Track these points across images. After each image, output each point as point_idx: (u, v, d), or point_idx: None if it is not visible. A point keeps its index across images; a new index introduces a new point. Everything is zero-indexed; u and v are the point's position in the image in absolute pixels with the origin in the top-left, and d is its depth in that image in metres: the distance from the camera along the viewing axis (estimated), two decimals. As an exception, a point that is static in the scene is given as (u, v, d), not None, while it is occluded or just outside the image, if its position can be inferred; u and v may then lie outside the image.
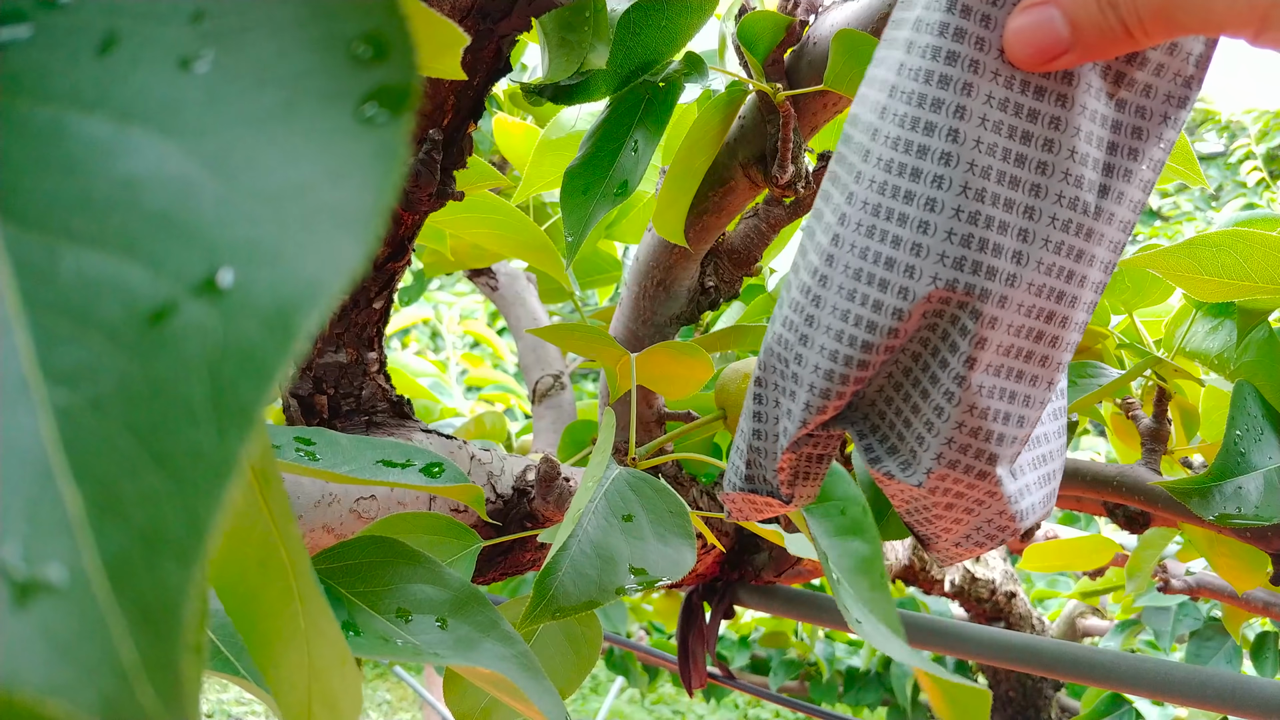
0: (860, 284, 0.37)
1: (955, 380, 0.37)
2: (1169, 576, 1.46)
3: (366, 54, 0.15)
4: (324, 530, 0.59)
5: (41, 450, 0.13)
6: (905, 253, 0.36)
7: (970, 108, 0.35)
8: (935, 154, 0.35)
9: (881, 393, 0.39)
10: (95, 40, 0.16)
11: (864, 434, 0.40)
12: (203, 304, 0.13)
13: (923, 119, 0.35)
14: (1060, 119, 0.36)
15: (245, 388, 0.13)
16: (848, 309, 0.37)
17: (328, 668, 0.30)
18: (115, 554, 0.12)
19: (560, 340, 0.66)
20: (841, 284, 0.37)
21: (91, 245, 0.14)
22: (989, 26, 0.35)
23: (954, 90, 0.35)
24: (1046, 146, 0.36)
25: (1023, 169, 0.35)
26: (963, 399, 0.37)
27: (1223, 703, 0.78)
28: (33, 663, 0.12)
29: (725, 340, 0.79)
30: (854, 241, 0.37)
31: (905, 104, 0.36)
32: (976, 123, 0.35)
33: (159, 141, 0.15)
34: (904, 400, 0.39)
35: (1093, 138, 0.36)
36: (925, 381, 0.38)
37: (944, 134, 0.35)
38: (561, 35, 0.59)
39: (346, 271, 0.13)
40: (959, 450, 0.38)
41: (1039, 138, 0.35)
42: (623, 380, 0.57)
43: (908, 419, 0.39)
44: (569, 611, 0.44)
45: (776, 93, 0.67)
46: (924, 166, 0.35)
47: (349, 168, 0.14)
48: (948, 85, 0.35)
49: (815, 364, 0.38)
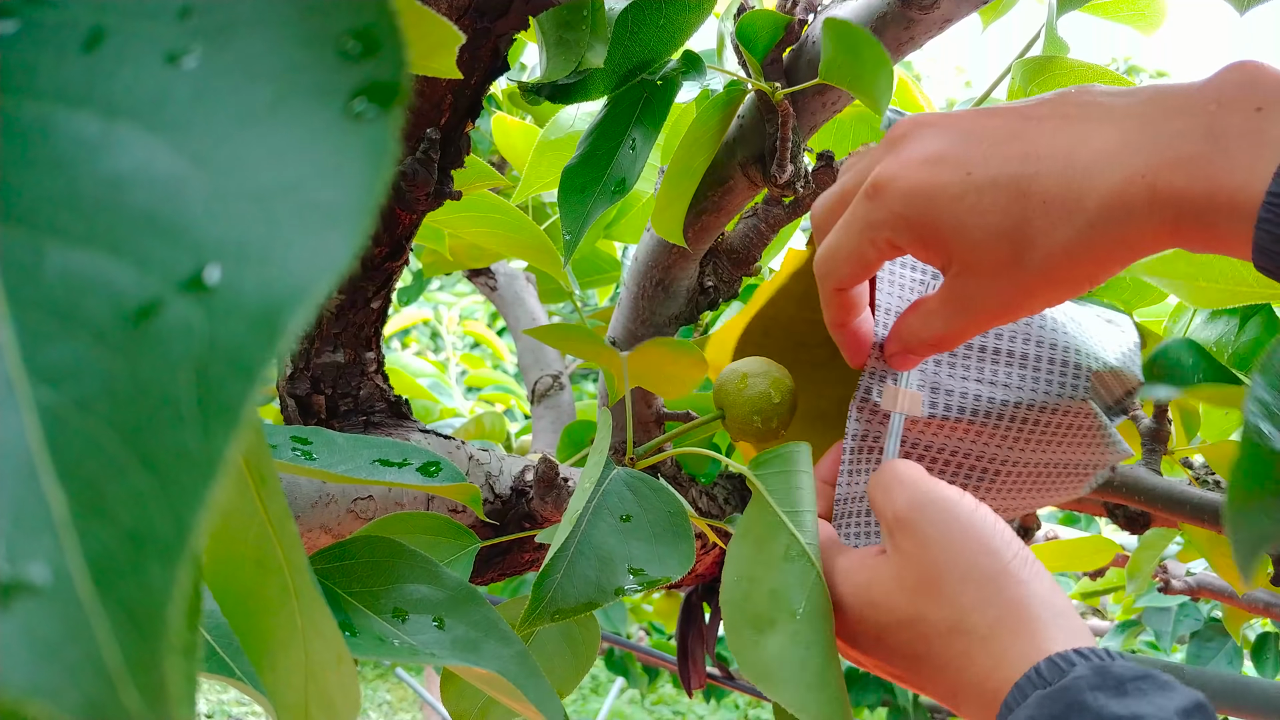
0: None
1: None
2: (1169, 577, 1.46)
3: (356, 50, 0.15)
4: (321, 530, 0.59)
5: (26, 449, 0.12)
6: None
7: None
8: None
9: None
10: (82, 36, 0.16)
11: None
12: (189, 302, 0.13)
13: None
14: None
15: (231, 387, 0.13)
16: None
17: (324, 667, 0.30)
18: (99, 554, 0.12)
19: (555, 341, 0.66)
20: None
21: (78, 243, 0.14)
22: None
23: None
24: None
25: None
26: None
27: (1223, 703, 0.78)
28: (16, 664, 0.11)
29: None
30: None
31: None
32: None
33: (146, 138, 0.15)
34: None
35: None
36: None
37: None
38: (559, 34, 0.59)
39: (335, 270, 0.13)
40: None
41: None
42: (619, 384, 0.57)
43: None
44: (568, 613, 0.43)
45: (775, 92, 0.67)
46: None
47: (338, 164, 0.14)
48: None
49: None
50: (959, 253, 0.44)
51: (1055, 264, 0.42)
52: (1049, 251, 0.42)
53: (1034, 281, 0.42)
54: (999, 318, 0.45)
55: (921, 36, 0.65)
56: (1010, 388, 0.50)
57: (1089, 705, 0.36)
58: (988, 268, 0.43)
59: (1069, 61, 0.66)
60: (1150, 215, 0.39)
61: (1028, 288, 0.43)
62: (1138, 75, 6.94)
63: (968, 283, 0.44)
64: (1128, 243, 0.40)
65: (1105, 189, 0.40)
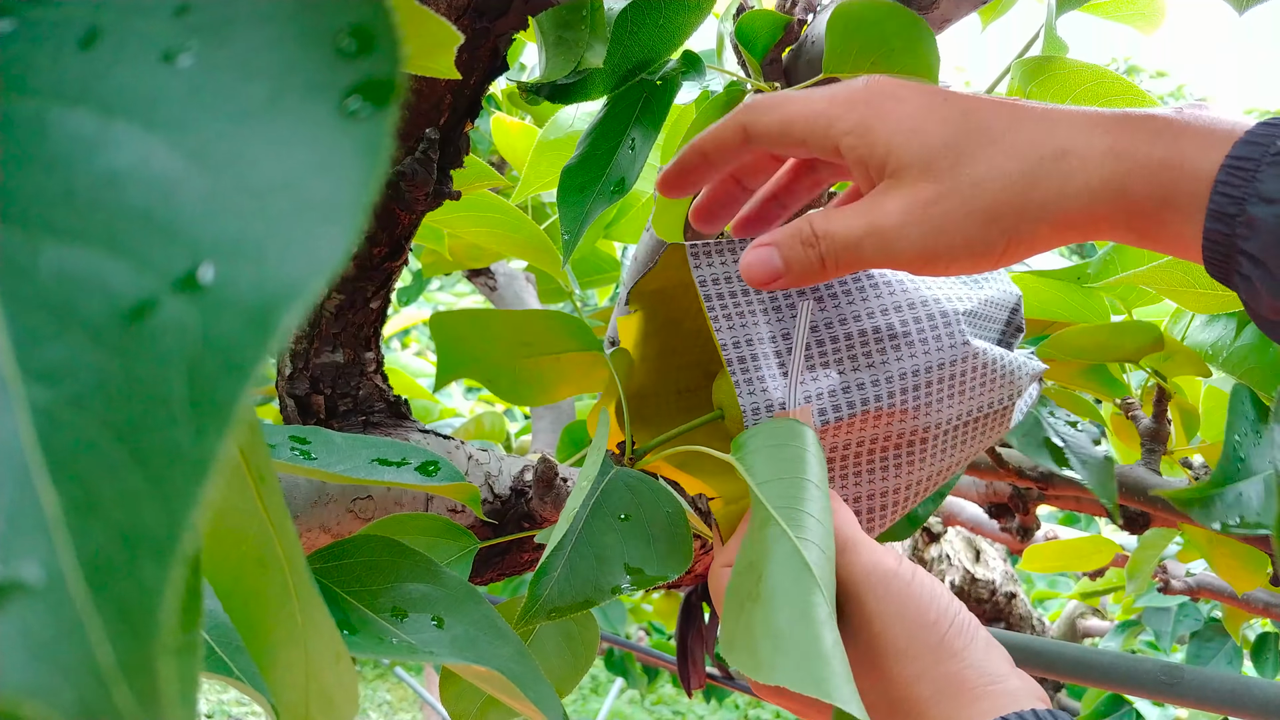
0: None
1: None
2: (1169, 577, 1.45)
3: (351, 47, 0.15)
4: (320, 530, 0.59)
5: (19, 448, 0.12)
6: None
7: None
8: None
9: None
10: (78, 33, 0.16)
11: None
12: (183, 300, 0.13)
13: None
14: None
15: (224, 385, 0.13)
16: None
17: (324, 664, 0.30)
18: (92, 554, 0.12)
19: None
20: None
21: (73, 240, 0.14)
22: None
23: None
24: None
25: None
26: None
27: (1223, 703, 0.78)
28: (9, 664, 0.11)
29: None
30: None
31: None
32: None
33: (142, 136, 0.15)
34: None
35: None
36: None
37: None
38: (559, 34, 0.59)
39: (329, 267, 0.13)
40: None
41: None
42: (615, 385, 0.57)
43: None
44: (564, 612, 0.43)
45: (775, 92, 0.66)
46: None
47: (333, 162, 0.14)
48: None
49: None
50: (896, 154, 0.42)
51: (988, 186, 0.41)
52: (988, 170, 0.41)
53: (958, 196, 0.41)
54: (911, 234, 0.42)
55: (921, 36, 0.65)
56: (899, 362, 0.48)
57: None
58: (916, 173, 0.42)
59: (1068, 61, 0.66)
60: (1105, 187, 0.40)
61: (947, 204, 0.41)
62: (1137, 75, 6.94)
63: (890, 193, 0.43)
64: (1067, 195, 0.41)
65: (1067, 138, 0.41)
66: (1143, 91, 0.66)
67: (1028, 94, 0.68)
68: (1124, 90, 0.65)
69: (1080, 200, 0.41)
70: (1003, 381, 0.51)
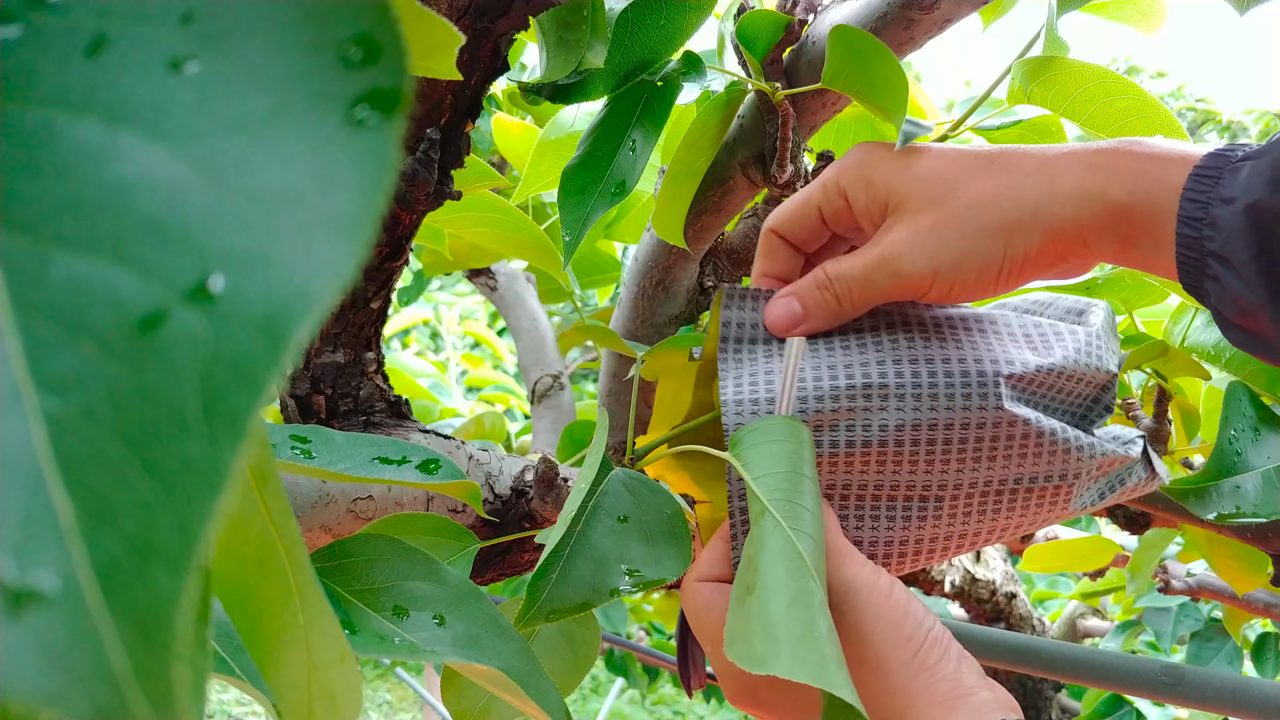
0: None
1: None
2: (1170, 577, 1.46)
3: (357, 56, 0.15)
4: (322, 530, 0.59)
5: (33, 458, 0.12)
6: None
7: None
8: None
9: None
10: (85, 41, 0.16)
11: None
12: (194, 311, 0.13)
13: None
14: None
15: (237, 396, 0.13)
16: None
17: (327, 664, 0.30)
18: (107, 562, 0.12)
19: (595, 337, 0.66)
20: None
21: (82, 251, 0.14)
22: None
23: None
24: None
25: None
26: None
27: (1224, 703, 0.78)
28: (25, 671, 0.11)
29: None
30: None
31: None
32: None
33: (149, 145, 0.15)
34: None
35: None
36: None
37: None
38: (559, 34, 0.59)
39: (339, 278, 0.13)
40: None
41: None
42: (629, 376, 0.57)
43: None
44: (563, 613, 0.43)
45: (775, 92, 0.67)
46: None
47: (340, 172, 0.14)
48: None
49: None
50: (896, 193, 0.46)
51: (982, 203, 0.44)
52: (980, 191, 0.45)
53: (955, 218, 0.44)
54: (915, 262, 0.45)
55: (922, 36, 0.65)
56: (900, 411, 0.47)
57: None
58: (914, 205, 0.45)
59: (1069, 62, 0.66)
60: (1088, 194, 0.43)
61: (946, 225, 0.45)
62: (1137, 75, 6.93)
63: (888, 228, 0.46)
64: (1056, 199, 0.44)
65: (1048, 158, 0.45)
66: (1145, 92, 0.66)
67: (1029, 94, 0.68)
68: (1125, 90, 0.65)
69: (1068, 207, 0.43)
70: (1055, 457, 0.48)
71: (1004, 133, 0.75)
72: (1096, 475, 0.52)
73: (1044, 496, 0.50)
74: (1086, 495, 0.52)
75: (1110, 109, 0.66)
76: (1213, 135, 6.55)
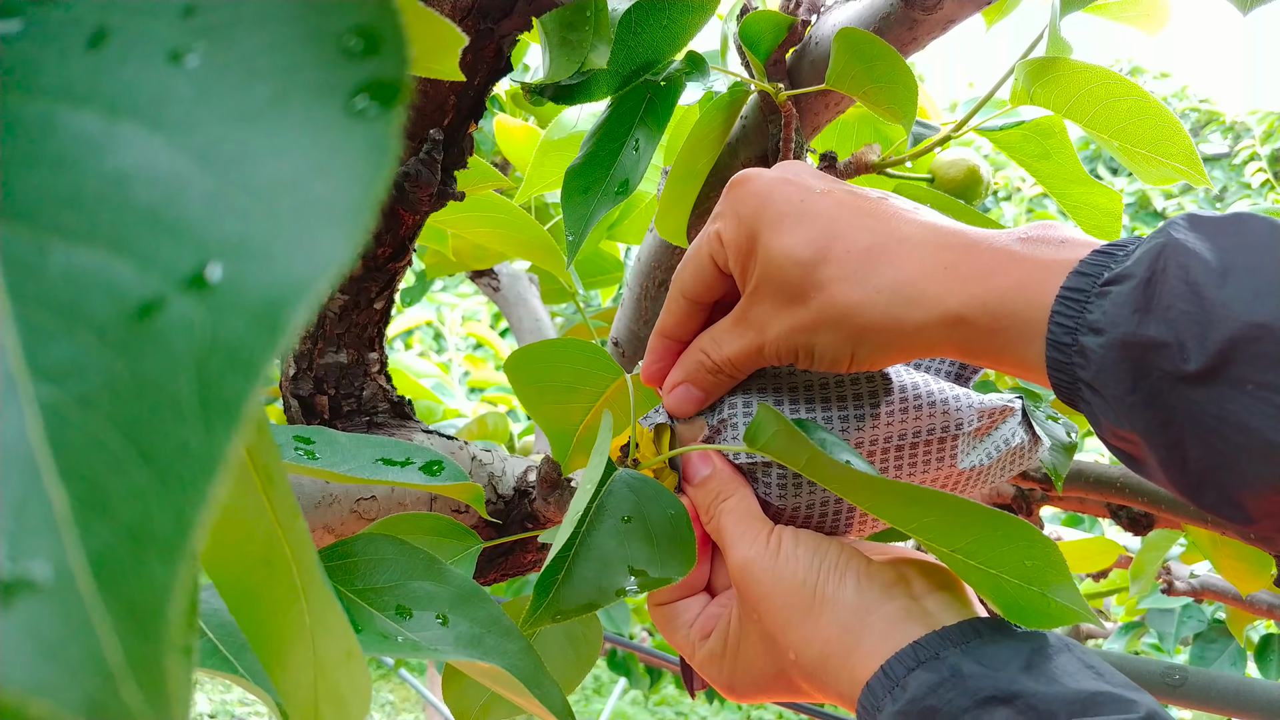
0: None
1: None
2: (1173, 578, 1.45)
3: (358, 47, 0.15)
4: (325, 530, 0.59)
5: (28, 447, 0.12)
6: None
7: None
8: None
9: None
10: (86, 34, 0.16)
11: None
12: (191, 300, 0.13)
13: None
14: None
15: (232, 384, 0.13)
16: None
17: (334, 663, 0.30)
18: (101, 552, 0.12)
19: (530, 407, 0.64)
20: None
21: (80, 241, 0.14)
22: None
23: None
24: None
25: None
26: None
27: (1227, 704, 0.78)
28: (17, 661, 0.11)
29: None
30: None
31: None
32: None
33: (149, 136, 0.15)
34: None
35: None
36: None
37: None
38: (562, 35, 0.59)
39: (336, 267, 0.13)
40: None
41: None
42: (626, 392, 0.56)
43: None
44: (569, 614, 0.43)
45: (778, 93, 0.67)
46: None
47: (339, 162, 0.14)
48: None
49: None
50: (761, 264, 0.46)
51: (830, 318, 0.44)
52: (831, 299, 0.44)
53: (816, 315, 0.44)
54: (780, 349, 0.46)
55: (925, 37, 0.65)
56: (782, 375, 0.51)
57: (934, 707, 0.37)
58: (773, 289, 0.46)
59: (1072, 63, 0.66)
60: (941, 320, 0.42)
61: (803, 324, 0.45)
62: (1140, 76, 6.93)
63: (756, 301, 0.46)
64: (906, 329, 0.43)
65: (908, 260, 0.43)
66: (1147, 93, 0.65)
67: (1032, 95, 0.68)
68: (1128, 91, 0.65)
69: (924, 333, 0.43)
70: (936, 411, 0.51)
71: (1007, 133, 0.75)
72: (980, 429, 0.53)
73: (930, 451, 0.51)
74: (975, 453, 0.53)
75: (1113, 110, 0.66)
76: (1216, 136, 6.54)
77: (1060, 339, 0.39)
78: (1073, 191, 0.75)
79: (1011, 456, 0.55)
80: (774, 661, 0.45)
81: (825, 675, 0.42)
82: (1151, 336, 0.36)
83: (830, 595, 0.43)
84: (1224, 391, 0.35)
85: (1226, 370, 0.35)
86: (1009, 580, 0.41)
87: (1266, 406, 0.34)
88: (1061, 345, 0.39)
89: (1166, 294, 0.37)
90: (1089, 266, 0.40)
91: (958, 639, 0.39)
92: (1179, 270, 0.37)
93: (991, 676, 0.37)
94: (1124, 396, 0.37)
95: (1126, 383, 0.37)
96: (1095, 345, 0.38)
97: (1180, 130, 0.65)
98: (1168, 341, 0.36)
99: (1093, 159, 5.66)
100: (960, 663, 0.38)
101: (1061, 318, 0.39)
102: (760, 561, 0.45)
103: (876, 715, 0.39)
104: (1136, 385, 0.37)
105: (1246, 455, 0.35)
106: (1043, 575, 0.40)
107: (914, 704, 0.37)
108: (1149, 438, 0.37)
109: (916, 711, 0.37)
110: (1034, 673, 0.37)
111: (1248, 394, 0.34)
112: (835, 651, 0.41)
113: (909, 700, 0.37)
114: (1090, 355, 0.38)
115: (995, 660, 0.38)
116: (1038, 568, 0.40)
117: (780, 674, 0.45)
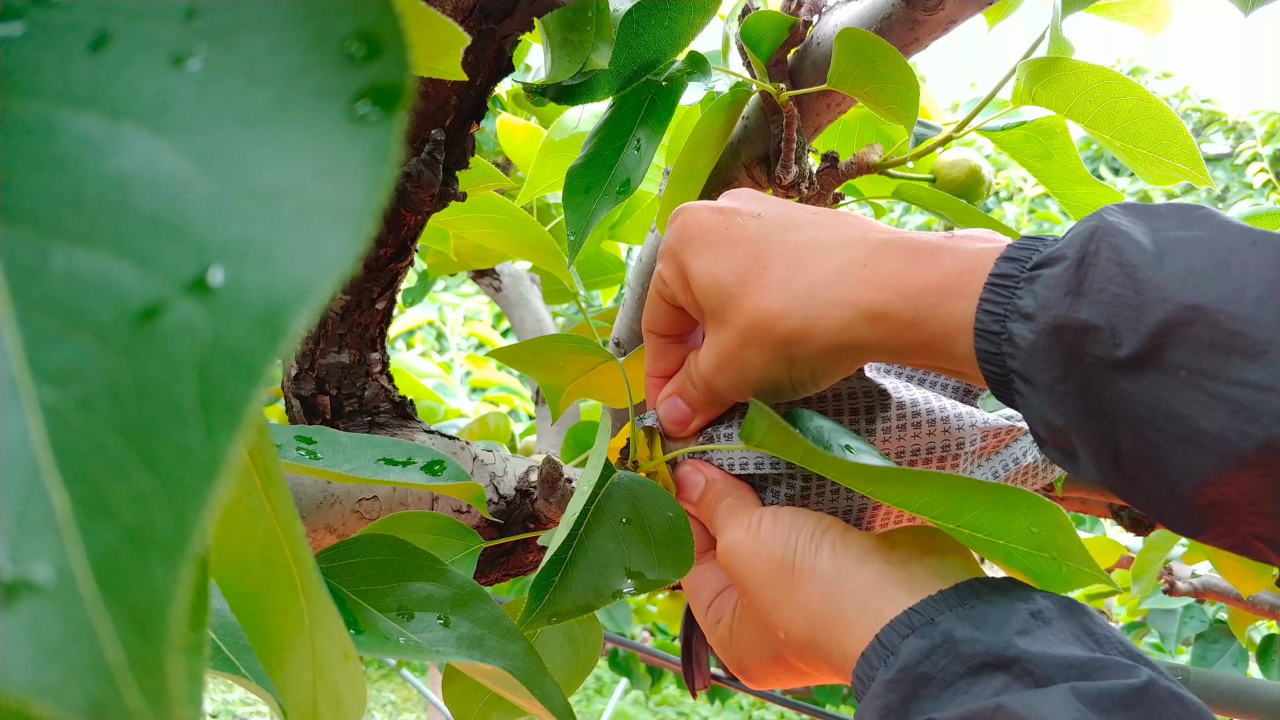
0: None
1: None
2: (1175, 579, 1.45)
3: (359, 52, 0.15)
4: (326, 530, 0.59)
5: (30, 450, 0.12)
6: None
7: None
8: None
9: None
10: (88, 37, 0.16)
11: None
12: (192, 303, 0.13)
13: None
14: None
15: (234, 387, 0.13)
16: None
17: (331, 664, 0.30)
18: (102, 554, 0.12)
19: (519, 365, 0.65)
20: None
21: (82, 244, 0.14)
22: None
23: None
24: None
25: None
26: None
27: (1229, 704, 0.78)
28: (19, 663, 0.11)
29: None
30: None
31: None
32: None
33: (150, 139, 0.15)
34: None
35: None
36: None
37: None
38: (564, 35, 0.59)
39: (337, 271, 0.13)
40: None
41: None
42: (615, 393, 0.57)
43: None
44: (566, 615, 0.43)
45: (780, 93, 0.67)
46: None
47: (341, 166, 0.14)
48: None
49: None
50: (694, 292, 0.46)
51: (755, 323, 0.43)
52: (754, 309, 0.43)
53: (735, 339, 0.44)
54: (741, 372, 0.45)
55: (926, 38, 0.65)
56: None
57: (927, 674, 0.35)
58: (707, 315, 0.46)
59: (1074, 63, 0.66)
60: (863, 316, 0.41)
61: (731, 345, 0.45)
62: (1142, 76, 6.92)
63: (717, 328, 0.46)
64: (828, 327, 0.42)
65: (826, 264, 0.42)
66: (1149, 93, 0.65)
67: (1034, 95, 0.68)
68: (1130, 91, 0.65)
69: (849, 331, 0.42)
70: (936, 429, 0.50)
71: (1008, 134, 0.75)
72: (985, 449, 0.52)
73: (930, 469, 0.51)
74: (979, 472, 0.52)
75: (1115, 110, 0.65)
76: (1218, 136, 6.53)
77: (989, 328, 0.38)
78: (1074, 192, 0.75)
79: (1022, 475, 0.54)
80: (770, 645, 0.44)
81: (815, 651, 0.41)
82: (1083, 320, 0.35)
83: (808, 567, 0.41)
84: (1156, 379, 0.33)
85: (1160, 356, 0.33)
86: (1019, 549, 0.40)
87: (1199, 394, 0.32)
88: (990, 334, 0.38)
89: (1099, 276, 0.35)
90: (1018, 251, 0.38)
91: (954, 602, 0.37)
92: (1112, 251, 0.35)
93: (986, 641, 0.35)
94: (1055, 385, 0.36)
95: (1058, 370, 0.36)
96: (1025, 332, 0.37)
97: (1182, 130, 0.65)
98: (1099, 325, 0.35)
99: (1094, 159, 5.65)
100: (954, 627, 0.36)
101: (990, 305, 0.38)
102: (744, 543, 0.44)
103: (871, 686, 0.37)
104: (1068, 373, 0.36)
105: (1180, 446, 0.33)
106: (1051, 540, 0.39)
107: (905, 672, 0.35)
108: (1081, 430, 0.36)
109: (908, 680, 0.35)
110: (1031, 636, 0.35)
111: (1180, 381, 0.33)
112: (820, 625, 0.40)
113: (900, 669, 0.35)
114: (1020, 342, 0.37)
115: (992, 623, 0.36)
116: (1045, 534, 0.39)
117: (778, 657, 0.44)
